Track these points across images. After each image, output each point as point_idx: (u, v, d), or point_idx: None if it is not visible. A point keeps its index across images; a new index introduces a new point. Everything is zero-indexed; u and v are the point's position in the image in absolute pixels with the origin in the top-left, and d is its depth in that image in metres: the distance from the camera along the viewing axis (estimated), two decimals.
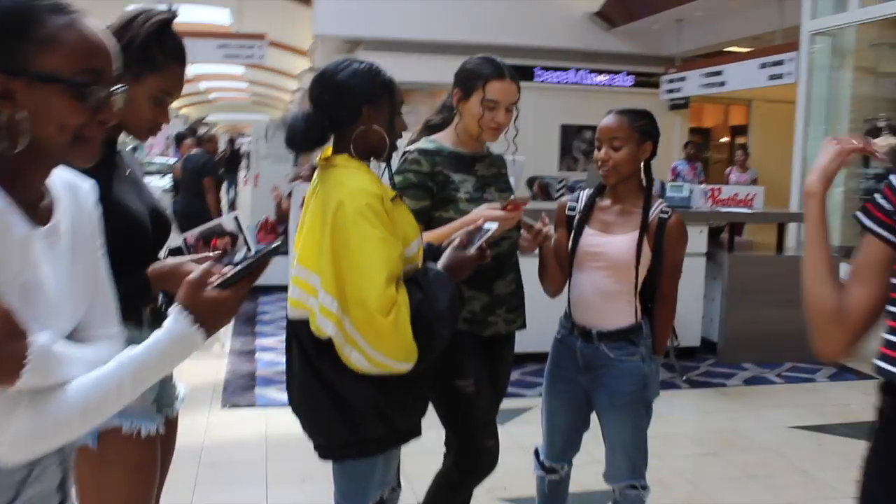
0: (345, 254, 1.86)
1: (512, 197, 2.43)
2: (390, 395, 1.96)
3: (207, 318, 1.23)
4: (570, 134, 15.77)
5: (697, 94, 15.05)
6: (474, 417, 2.51)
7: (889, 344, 1.41)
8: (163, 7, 1.80)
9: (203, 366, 5.36)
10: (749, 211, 6.40)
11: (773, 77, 12.66)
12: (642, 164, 2.56)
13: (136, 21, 1.77)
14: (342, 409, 1.96)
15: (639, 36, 15.21)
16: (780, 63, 12.34)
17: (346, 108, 1.99)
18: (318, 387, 1.97)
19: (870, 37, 10.56)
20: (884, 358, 1.42)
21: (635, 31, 15.05)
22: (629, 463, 2.59)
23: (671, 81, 15.54)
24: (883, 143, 10.44)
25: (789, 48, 11.67)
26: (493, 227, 2.10)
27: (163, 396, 1.93)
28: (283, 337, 2.11)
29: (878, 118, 10.50)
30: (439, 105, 2.71)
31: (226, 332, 6.28)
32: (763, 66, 12.82)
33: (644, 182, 2.58)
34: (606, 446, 2.62)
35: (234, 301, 1.25)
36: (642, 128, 2.52)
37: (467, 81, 2.53)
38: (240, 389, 5.07)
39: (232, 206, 14.85)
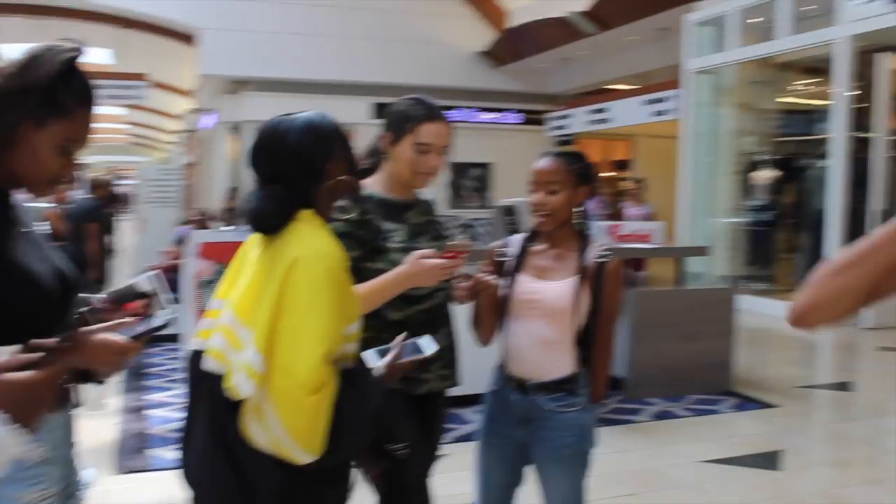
0: (288, 315, 1.67)
1: (450, 244, 2.29)
2: (297, 481, 1.73)
3: (15, 410, 1.01)
4: (459, 171, 15.87)
5: (584, 131, 15.42)
6: (408, 483, 2.36)
7: None
8: (69, 44, 1.59)
9: (92, 426, 4.98)
10: (655, 246, 6.49)
11: (656, 113, 13.10)
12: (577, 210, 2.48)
13: (39, 59, 1.54)
14: (241, 485, 1.72)
15: (526, 74, 15.53)
16: (663, 100, 12.77)
17: (310, 174, 1.83)
18: (222, 453, 1.74)
19: (748, 75, 11.04)
20: None
21: (523, 70, 15.36)
22: None
23: (558, 118, 15.88)
24: (763, 175, 10.88)
25: (672, 85, 12.10)
26: (430, 350, 1.95)
27: (69, 486, 1.68)
28: (175, 392, 1.89)
29: (757, 152, 10.96)
30: (367, 149, 2.57)
31: (114, 387, 5.89)
32: (647, 102, 13.25)
33: (579, 225, 2.51)
34: (545, 501, 2.51)
35: (42, 385, 1.04)
36: (579, 171, 2.46)
37: (398, 124, 2.39)
38: (133, 451, 4.73)
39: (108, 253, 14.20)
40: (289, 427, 1.64)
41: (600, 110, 14.64)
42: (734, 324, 6.31)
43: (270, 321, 1.68)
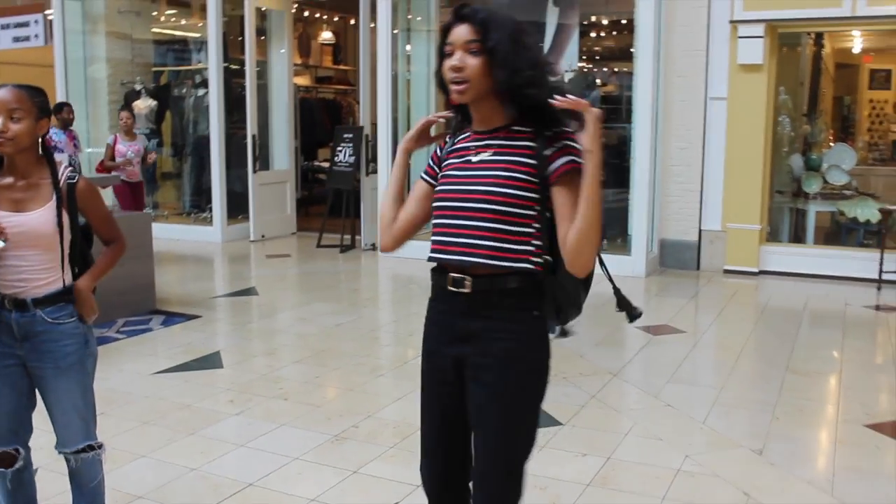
0: None
1: None
2: None
3: None
4: None
5: None
6: None
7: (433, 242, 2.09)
8: None
9: None
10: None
11: (18, 39, 12.26)
12: (39, 139, 2.59)
13: None
14: None
15: None
16: (25, 25, 12.00)
17: None
18: None
19: (119, 4, 11.07)
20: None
21: None
22: (83, 424, 2.67)
23: None
24: (143, 104, 11.13)
25: (35, 10, 11.46)
26: None
27: None
28: None
29: (136, 81, 11.17)
30: None
31: None
32: (5, 27, 12.31)
33: (42, 154, 2.62)
34: (56, 413, 2.63)
35: None
36: (41, 104, 2.59)
37: None
38: None
39: None
40: None
41: None
42: (152, 248, 6.65)
43: None
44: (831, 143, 10.71)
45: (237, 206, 10.34)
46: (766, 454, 3.82)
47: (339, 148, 9.82)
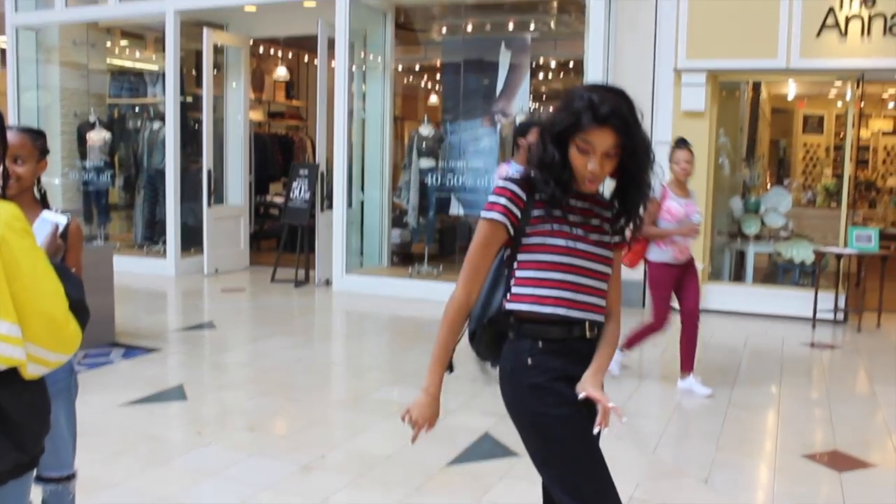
0: (18, 276, 1.77)
1: None
2: (48, 410, 2.01)
3: None
4: None
5: None
6: None
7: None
8: None
9: None
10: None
11: None
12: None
13: None
14: (15, 435, 1.87)
15: None
16: None
17: None
18: None
19: (74, 35, 11.12)
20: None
21: None
22: (69, 451, 2.84)
23: None
24: (96, 136, 11.09)
25: None
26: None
27: None
28: None
29: (89, 113, 11.18)
30: None
31: None
32: None
33: (38, 194, 2.79)
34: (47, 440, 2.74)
35: None
36: (42, 146, 2.77)
37: None
38: None
39: None
40: (65, 350, 1.89)
41: None
42: (113, 281, 6.71)
43: (6, 297, 1.76)
44: (768, 186, 11.22)
45: (190, 240, 10.40)
46: (711, 483, 4.07)
47: (295, 184, 9.97)
